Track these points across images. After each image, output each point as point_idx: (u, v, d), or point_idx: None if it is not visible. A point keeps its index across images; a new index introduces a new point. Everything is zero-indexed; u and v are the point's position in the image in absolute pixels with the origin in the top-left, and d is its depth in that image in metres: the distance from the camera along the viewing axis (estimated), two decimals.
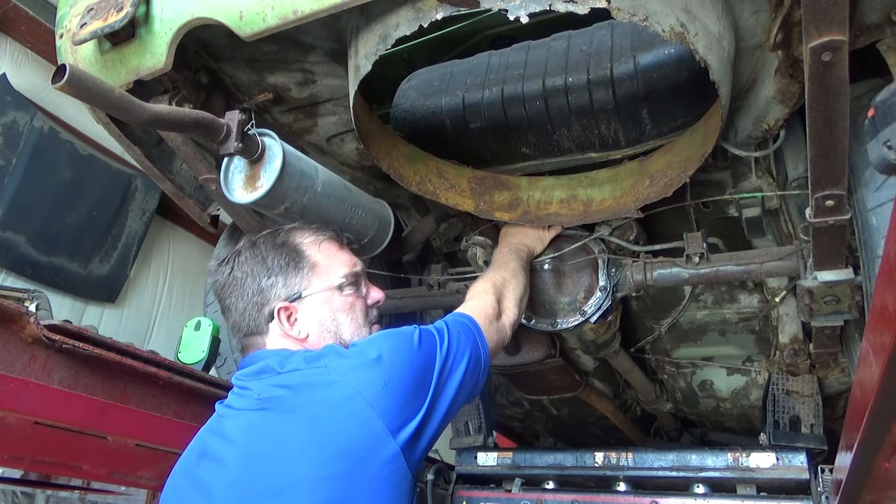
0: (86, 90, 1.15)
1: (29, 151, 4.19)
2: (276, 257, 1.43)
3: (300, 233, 1.50)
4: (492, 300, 1.63)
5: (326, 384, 1.22)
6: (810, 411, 2.44)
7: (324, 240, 1.50)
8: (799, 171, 2.03)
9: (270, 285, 1.41)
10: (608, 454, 2.58)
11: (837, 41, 1.14)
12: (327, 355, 1.29)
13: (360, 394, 1.19)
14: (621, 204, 2.07)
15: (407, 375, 1.25)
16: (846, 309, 1.86)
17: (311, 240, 1.48)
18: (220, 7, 1.53)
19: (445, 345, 1.34)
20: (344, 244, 1.57)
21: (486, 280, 1.74)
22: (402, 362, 1.26)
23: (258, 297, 1.41)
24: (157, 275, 5.59)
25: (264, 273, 1.42)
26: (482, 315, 1.54)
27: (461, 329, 1.42)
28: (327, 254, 1.49)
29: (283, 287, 1.41)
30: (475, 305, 1.60)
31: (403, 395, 1.22)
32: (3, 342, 1.65)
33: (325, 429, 1.18)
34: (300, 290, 1.41)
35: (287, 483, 1.13)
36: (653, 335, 2.84)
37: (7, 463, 2.02)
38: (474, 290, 1.70)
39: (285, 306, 1.40)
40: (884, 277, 0.90)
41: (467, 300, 1.66)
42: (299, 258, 1.44)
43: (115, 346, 1.90)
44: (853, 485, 1.37)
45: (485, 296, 1.65)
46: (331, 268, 1.46)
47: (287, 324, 1.40)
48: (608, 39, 2.02)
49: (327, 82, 1.93)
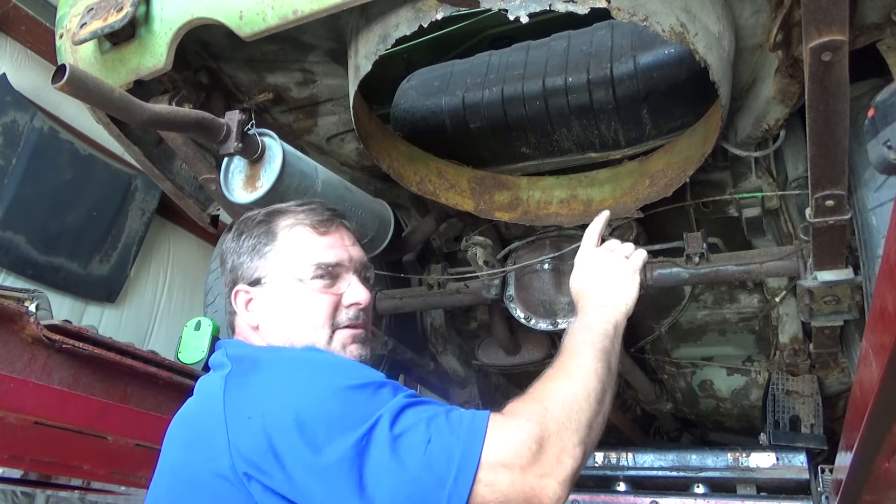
0: (86, 90, 1.15)
1: (29, 151, 4.18)
2: (249, 236, 1.30)
3: (283, 214, 1.33)
4: (533, 428, 0.96)
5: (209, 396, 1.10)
6: (810, 411, 2.44)
7: (299, 224, 1.30)
8: (799, 171, 2.03)
9: (239, 265, 1.29)
10: (608, 454, 2.57)
11: (837, 41, 1.14)
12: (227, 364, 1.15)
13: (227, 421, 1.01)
14: (621, 204, 2.07)
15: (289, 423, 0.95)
16: (846, 309, 1.86)
17: (288, 222, 1.30)
18: (220, 7, 1.53)
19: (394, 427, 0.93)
20: (336, 229, 1.33)
21: (542, 385, 1.07)
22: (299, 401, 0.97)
23: (230, 276, 1.31)
24: (157, 275, 5.58)
25: (236, 251, 1.31)
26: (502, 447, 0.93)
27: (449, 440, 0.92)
28: (299, 239, 1.28)
29: (246, 269, 1.28)
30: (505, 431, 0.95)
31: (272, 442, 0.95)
32: (3, 342, 1.65)
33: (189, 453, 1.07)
34: (260, 275, 1.27)
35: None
36: (653, 335, 2.84)
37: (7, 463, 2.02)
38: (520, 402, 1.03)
39: (245, 290, 1.27)
40: (884, 277, 0.90)
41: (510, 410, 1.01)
42: (268, 240, 1.28)
43: (115, 346, 1.90)
44: (853, 485, 1.37)
45: (523, 418, 0.97)
46: (298, 255, 1.26)
47: (244, 308, 1.27)
48: (608, 39, 2.02)
49: (327, 82, 1.93)
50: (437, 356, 3.03)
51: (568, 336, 1.21)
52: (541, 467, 0.94)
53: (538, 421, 0.97)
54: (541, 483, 0.93)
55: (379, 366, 3.04)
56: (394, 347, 2.71)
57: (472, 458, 0.91)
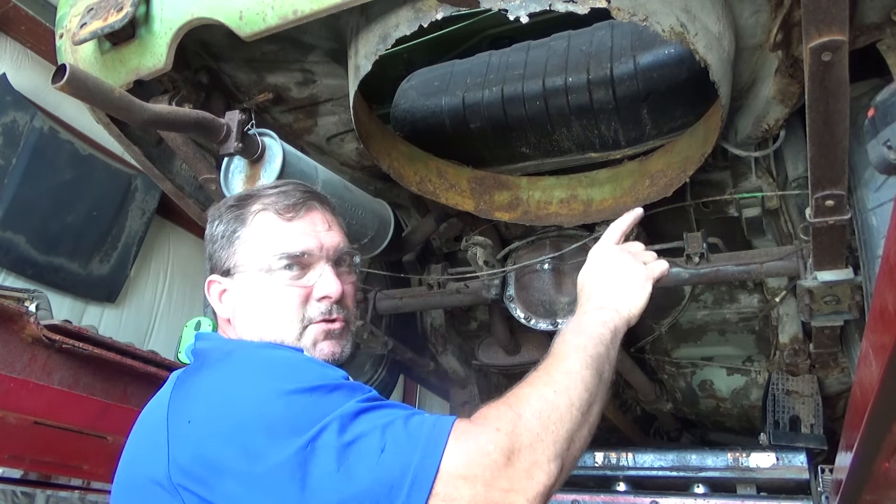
0: (86, 90, 1.15)
1: (29, 151, 4.18)
2: (221, 223, 1.21)
3: (256, 198, 1.22)
4: (502, 439, 0.86)
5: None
6: (810, 411, 2.44)
7: (267, 209, 1.19)
8: (799, 171, 2.03)
9: (212, 253, 1.21)
10: (608, 454, 2.57)
11: (837, 41, 1.14)
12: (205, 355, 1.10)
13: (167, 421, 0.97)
14: (621, 204, 2.07)
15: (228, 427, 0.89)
16: (846, 309, 1.86)
17: (257, 207, 1.20)
18: (219, 7, 1.53)
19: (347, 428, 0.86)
20: (304, 214, 1.21)
21: (523, 388, 0.97)
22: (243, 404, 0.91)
23: (208, 264, 1.23)
24: (157, 275, 5.58)
25: (210, 238, 1.22)
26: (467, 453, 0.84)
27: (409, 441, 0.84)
28: (265, 226, 1.18)
29: (218, 258, 1.20)
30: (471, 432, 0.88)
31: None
32: (3, 342, 1.66)
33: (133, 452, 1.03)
34: (229, 265, 1.18)
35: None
36: (653, 335, 2.84)
37: (7, 463, 2.03)
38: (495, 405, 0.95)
39: (217, 280, 1.20)
40: (884, 277, 0.90)
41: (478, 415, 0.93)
42: (238, 228, 1.19)
43: (115, 346, 1.90)
44: (853, 485, 1.37)
45: (498, 419, 0.90)
46: (264, 244, 1.17)
47: (217, 300, 1.20)
48: (608, 39, 2.02)
49: (327, 82, 1.93)
50: (437, 356, 3.03)
51: (559, 336, 1.10)
52: (508, 482, 0.83)
53: (509, 430, 0.87)
54: (506, 499, 0.82)
55: (379, 366, 3.05)
56: (394, 347, 2.71)
57: (430, 469, 0.82)
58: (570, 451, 0.92)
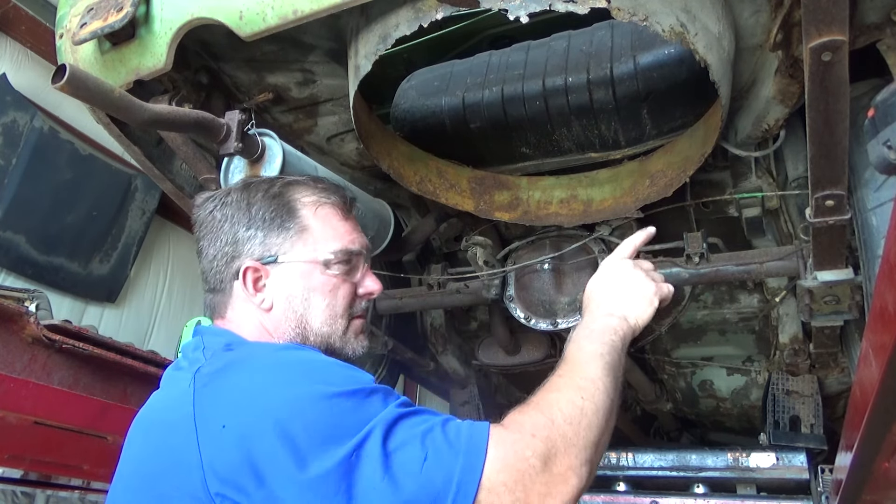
0: (86, 90, 1.15)
1: (29, 151, 4.19)
2: (263, 207, 1.19)
3: (302, 188, 1.24)
4: (537, 444, 0.89)
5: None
6: (810, 411, 2.44)
7: (325, 203, 1.23)
8: (799, 171, 2.03)
9: (247, 238, 1.18)
10: (608, 454, 2.58)
11: (837, 41, 1.14)
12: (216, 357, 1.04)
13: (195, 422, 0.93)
14: (621, 204, 2.07)
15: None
16: (846, 309, 1.86)
17: (310, 199, 1.22)
18: (219, 7, 1.53)
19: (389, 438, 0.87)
20: (351, 214, 1.28)
21: (545, 393, 1.00)
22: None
23: (230, 248, 1.18)
24: (157, 275, 5.58)
25: (244, 221, 1.18)
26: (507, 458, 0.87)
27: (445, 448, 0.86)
28: (324, 220, 1.21)
29: (259, 244, 1.17)
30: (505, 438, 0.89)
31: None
32: (3, 342, 1.66)
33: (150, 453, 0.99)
34: (277, 252, 1.17)
35: None
36: (653, 335, 2.84)
37: (7, 463, 2.03)
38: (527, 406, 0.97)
39: (255, 267, 1.16)
40: (884, 277, 0.90)
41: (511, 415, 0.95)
42: (289, 216, 1.19)
43: (115, 346, 1.90)
44: (853, 485, 1.37)
45: (528, 424, 0.92)
46: (322, 238, 1.19)
47: (251, 287, 1.16)
48: (608, 39, 2.02)
49: (327, 82, 1.93)
50: (437, 356, 3.03)
51: (574, 342, 1.12)
52: (545, 486, 0.86)
53: (544, 435, 0.89)
54: (544, 503, 0.85)
55: (379, 366, 3.05)
56: (394, 347, 2.71)
57: (473, 478, 0.83)
58: (596, 455, 0.95)
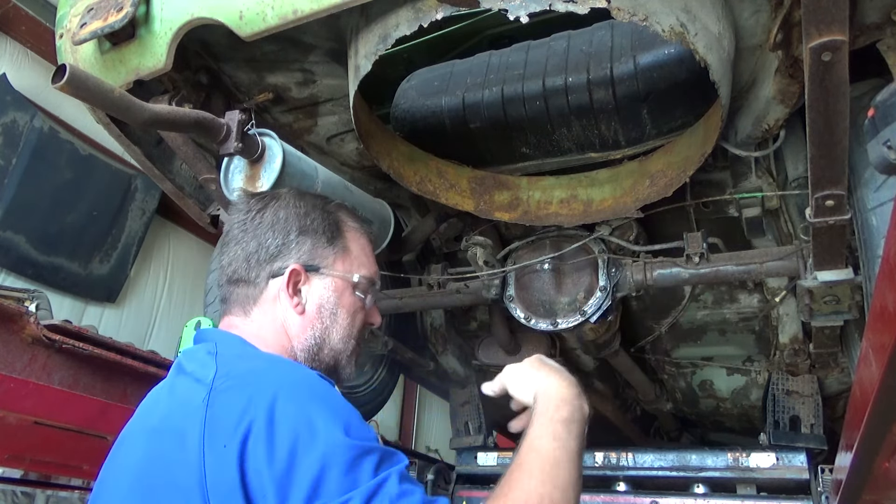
0: (86, 90, 1.15)
1: (29, 151, 4.19)
2: (318, 220, 1.29)
3: (348, 214, 1.37)
4: None
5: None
6: (810, 411, 2.44)
7: (363, 233, 1.37)
8: (799, 171, 2.03)
9: (297, 242, 1.25)
10: (608, 454, 2.58)
11: (837, 41, 1.14)
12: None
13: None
14: (621, 204, 2.07)
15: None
16: (846, 309, 1.86)
17: (354, 225, 1.35)
18: (220, 7, 1.53)
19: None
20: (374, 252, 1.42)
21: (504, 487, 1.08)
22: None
23: (276, 248, 1.24)
24: (157, 275, 5.59)
25: (297, 226, 1.26)
26: None
27: None
28: (360, 247, 1.34)
29: (307, 251, 1.25)
30: None
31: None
32: (3, 342, 1.65)
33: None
34: (321, 263, 1.26)
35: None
36: (653, 335, 2.84)
37: (7, 463, 2.03)
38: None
39: (300, 270, 1.24)
40: (884, 277, 0.90)
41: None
42: (337, 234, 1.30)
43: (115, 346, 1.90)
44: (853, 485, 1.37)
45: None
46: (358, 262, 1.31)
47: (290, 288, 1.23)
48: (608, 39, 2.02)
49: (327, 82, 1.93)
50: (437, 356, 3.03)
51: (538, 438, 1.15)
52: None
53: None
54: None
55: (379, 366, 3.05)
56: (394, 347, 2.71)
57: None
58: None
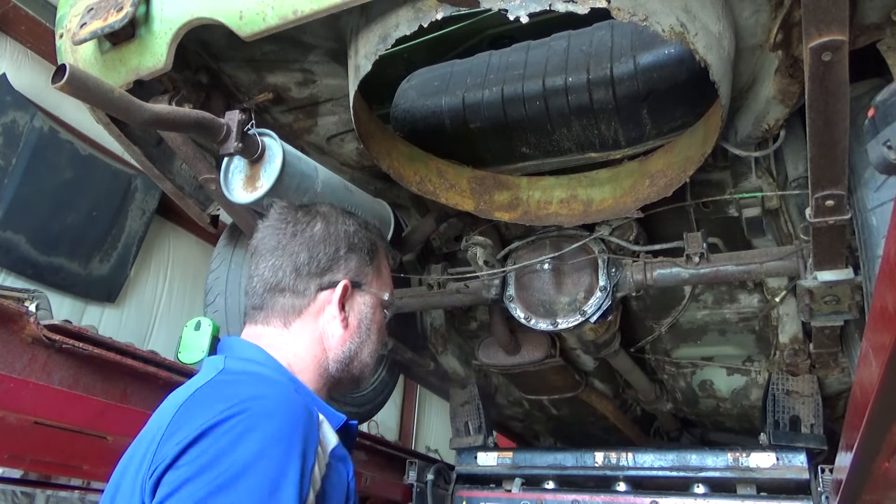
0: (86, 90, 1.15)
1: (29, 151, 4.19)
2: (362, 239, 1.33)
3: (379, 234, 1.44)
4: None
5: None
6: (810, 411, 2.44)
7: (389, 255, 1.45)
8: (799, 171, 2.03)
9: (345, 258, 1.29)
10: (608, 454, 2.58)
11: (837, 41, 1.14)
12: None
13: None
14: (621, 204, 2.07)
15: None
16: (846, 309, 1.86)
17: (384, 246, 1.42)
18: (219, 7, 1.53)
19: None
20: None
21: None
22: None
23: (327, 261, 1.26)
24: (157, 275, 5.59)
25: (346, 243, 1.30)
26: None
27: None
28: (387, 269, 1.42)
29: (354, 268, 1.29)
30: None
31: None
32: (3, 342, 1.65)
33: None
34: (363, 281, 1.31)
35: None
36: (653, 335, 2.84)
37: (7, 463, 2.02)
38: None
39: (349, 284, 1.27)
40: (884, 277, 0.90)
41: None
42: (375, 254, 1.36)
43: (115, 346, 1.90)
44: (853, 485, 1.37)
45: None
46: (387, 282, 1.39)
47: (340, 302, 1.26)
48: (608, 39, 2.02)
49: (327, 82, 1.93)
50: (437, 356, 3.03)
51: None
52: None
53: None
54: None
55: (379, 366, 3.05)
56: (394, 347, 2.71)
57: None
58: None
